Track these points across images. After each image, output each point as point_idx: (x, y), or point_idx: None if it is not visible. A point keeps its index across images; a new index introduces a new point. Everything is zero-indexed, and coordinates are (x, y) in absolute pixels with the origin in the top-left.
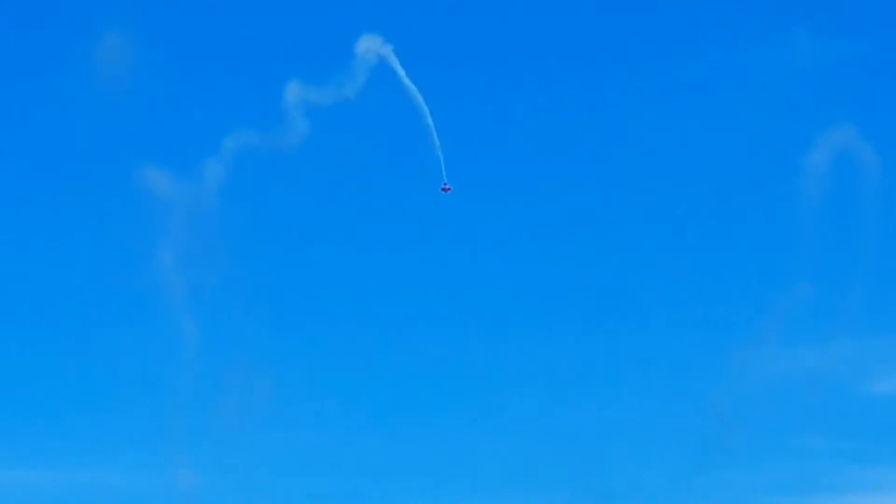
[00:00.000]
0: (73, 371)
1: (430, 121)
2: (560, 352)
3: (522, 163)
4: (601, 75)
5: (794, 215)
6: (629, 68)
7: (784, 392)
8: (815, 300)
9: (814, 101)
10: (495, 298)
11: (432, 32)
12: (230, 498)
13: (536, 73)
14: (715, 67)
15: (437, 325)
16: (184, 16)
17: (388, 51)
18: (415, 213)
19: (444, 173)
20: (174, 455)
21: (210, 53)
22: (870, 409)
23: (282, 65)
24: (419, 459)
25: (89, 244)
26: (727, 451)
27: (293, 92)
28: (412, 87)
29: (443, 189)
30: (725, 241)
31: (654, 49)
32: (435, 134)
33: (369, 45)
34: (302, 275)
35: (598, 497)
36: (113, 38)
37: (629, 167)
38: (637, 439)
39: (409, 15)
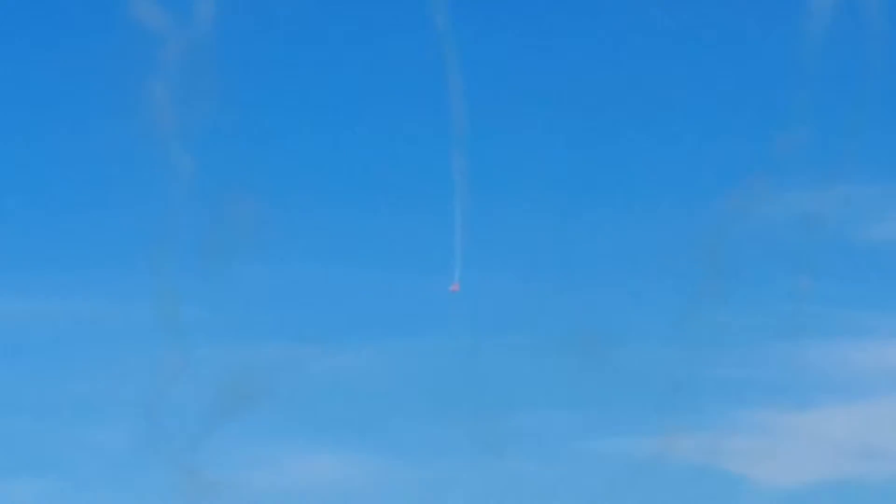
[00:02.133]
0: (63, 204)
1: None
2: (552, 185)
3: None
4: None
5: (796, 56)
6: None
7: (780, 236)
8: (815, 143)
9: None
10: (492, 111)
11: None
12: (218, 330)
13: None
14: None
15: (431, 161)
16: None
17: None
18: (413, 50)
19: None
20: (164, 287)
21: None
22: (866, 254)
23: None
24: (405, 297)
25: (79, 77)
26: (720, 294)
27: None
28: None
29: (452, 288)
30: (724, 82)
31: None
32: None
33: None
34: (295, 112)
35: (587, 339)
36: None
37: (625, 6)
38: (627, 280)
39: None
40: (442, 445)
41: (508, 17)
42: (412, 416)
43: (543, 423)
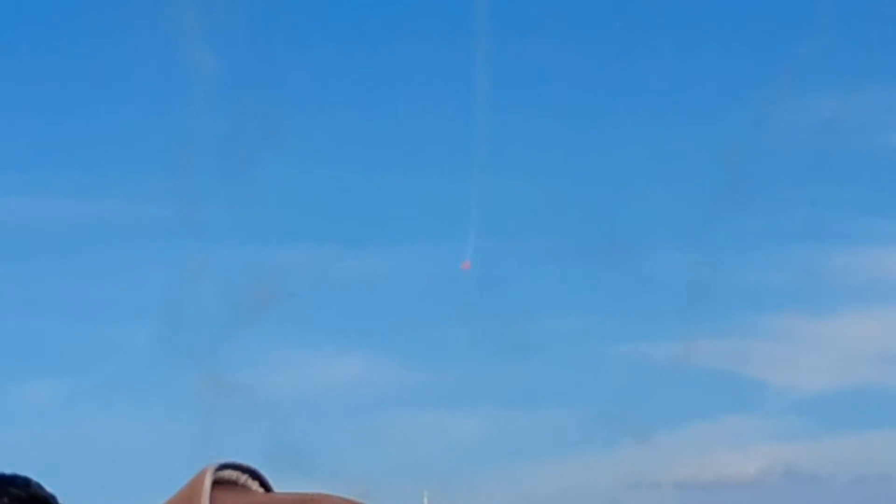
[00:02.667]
0: (88, 100)
1: None
2: (575, 88)
3: None
4: None
5: None
6: None
7: (801, 140)
8: (837, 48)
9: None
10: (515, 19)
11: None
12: (240, 232)
13: None
14: None
15: (453, 68)
16: None
17: None
18: None
19: None
20: (187, 187)
21: None
22: (887, 160)
23: None
24: (428, 201)
25: None
26: (740, 198)
27: None
28: None
29: (463, 266)
30: None
31: None
32: None
33: None
34: (318, 18)
35: (609, 244)
36: None
37: None
38: (649, 183)
39: None
40: (464, 349)
41: None
42: (434, 320)
43: (565, 327)
